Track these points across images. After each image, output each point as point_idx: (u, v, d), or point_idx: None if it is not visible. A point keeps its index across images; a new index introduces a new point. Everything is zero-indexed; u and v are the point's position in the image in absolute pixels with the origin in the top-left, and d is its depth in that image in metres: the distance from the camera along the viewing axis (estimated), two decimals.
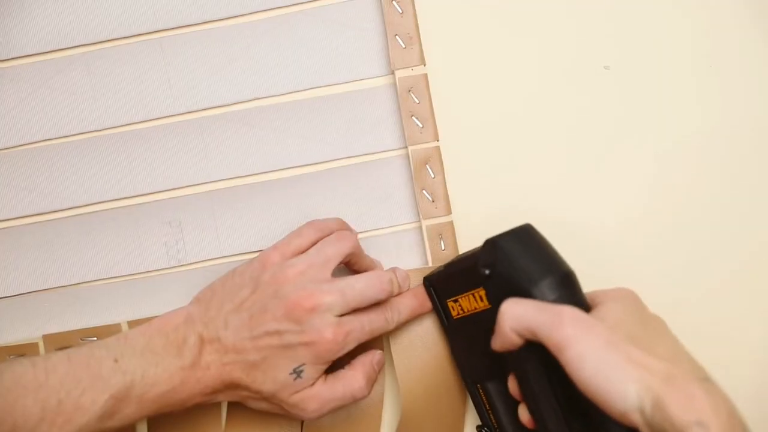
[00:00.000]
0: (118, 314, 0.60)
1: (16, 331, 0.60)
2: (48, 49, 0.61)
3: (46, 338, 0.60)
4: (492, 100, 0.60)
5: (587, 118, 0.60)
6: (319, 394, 0.52)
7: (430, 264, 0.59)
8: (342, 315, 0.52)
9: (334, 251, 0.54)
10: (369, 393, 0.54)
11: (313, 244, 0.55)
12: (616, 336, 0.44)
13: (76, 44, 0.61)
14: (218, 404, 0.59)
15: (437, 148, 0.59)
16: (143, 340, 0.52)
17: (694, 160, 0.60)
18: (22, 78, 0.61)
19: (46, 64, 0.61)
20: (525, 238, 0.50)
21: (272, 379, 0.52)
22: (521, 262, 0.49)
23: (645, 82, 0.60)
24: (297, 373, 0.51)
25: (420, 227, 0.59)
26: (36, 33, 0.60)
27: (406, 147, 0.60)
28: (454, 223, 0.59)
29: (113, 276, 0.60)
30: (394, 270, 0.57)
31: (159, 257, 0.60)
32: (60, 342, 0.59)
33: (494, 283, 0.50)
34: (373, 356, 0.56)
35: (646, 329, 0.46)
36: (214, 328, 0.52)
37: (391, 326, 0.55)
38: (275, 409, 0.53)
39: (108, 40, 0.61)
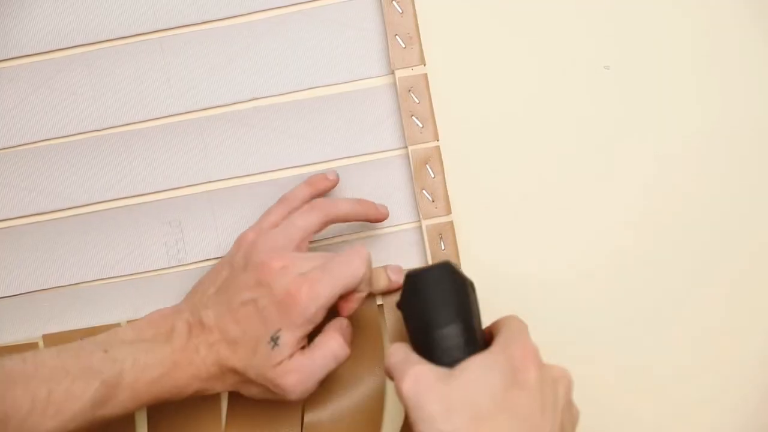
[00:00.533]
0: (118, 314, 0.60)
1: (16, 331, 0.60)
2: (48, 49, 0.61)
3: (46, 338, 0.60)
4: (492, 100, 0.60)
5: (587, 118, 0.60)
6: (300, 367, 0.51)
7: (430, 264, 0.59)
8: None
9: (303, 222, 0.54)
10: (349, 352, 0.53)
11: (286, 218, 0.56)
12: (457, 403, 0.44)
13: (76, 44, 0.60)
14: (218, 402, 0.59)
15: (437, 148, 0.59)
16: (133, 333, 0.52)
17: (694, 160, 0.60)
18: (22, 78, 0.61)
19: (46, 63, 0.61)
20: (434, 281, 0.50)
21: (253, 351, 0.51)
22: (423, 304, 0.50)
23: (645, 82, 0.60)
24: (274, 340, 0.51)
25: (420, 227, 0.59)
26: (36, 33, 0.60)
27: (406, 147, 0.60)
28: (454, 223, 0.59)
29: (113, 276, 0.60)
30: (386, 267, 0.57)
31: (159, 257, 0.60)
32: (60, 342, 0.58)
33: (404, 315, 0.52)
34: (341, 321, 0.55)
35: (507, 397, 0.45)
36: (197, 312, 0.53)
37: (364, 288, 0.53)
38: (265, 393, 0.53)
39: (108, 40, 0.61)
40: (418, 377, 0.46)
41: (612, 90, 0.60)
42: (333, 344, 0.52)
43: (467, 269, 0.59)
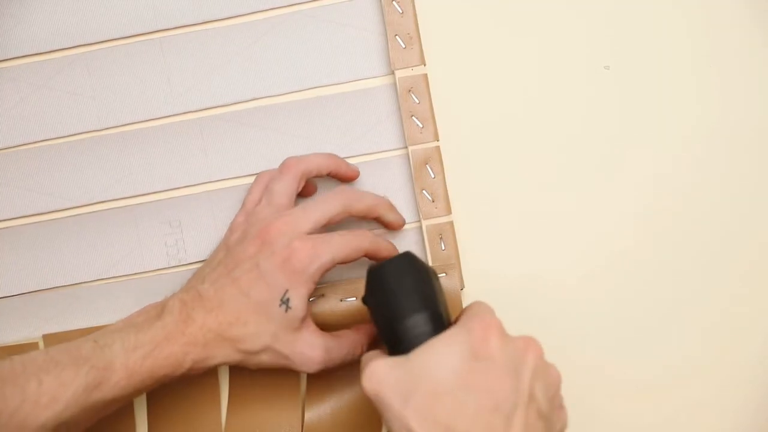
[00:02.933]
0: (118, 314, 0.60)
1: (16, 331, 0.60)
2: (48, 49, 0.61)
3: (46, 338, 0.60)
4: (492, 100, 0.60)
5: (587, 118, 0.60)
6: (326, 346, 0.52)
7: (430, 264, 0.59)
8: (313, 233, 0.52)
9: (280, 186, 0.55)
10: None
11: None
12: (413, 385, 0.44)
13: (76, 44, 0.61)
14: (218, 402, 0.59)
15: (437, 148, 0.59)
16: (123, 323, 0.53)
17: (694, 160, 0.60)
18: (22, 78, 0.61)
19: (46, 64, 0.61)
20: (395, 272, 0.50)
21: (267, 317, 0.51)
22: (387, 296, 0.49)
23: (645, 82, 0.60)
24: (285, 303, 0.51)
25: (420, 227, 0.59)
26: (36, 33, 0.60)
27: (406, 147, 0.60)
28: (454, 223, 0.59)
29: (113, 276, 0.60)
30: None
31: (159, 257, 0.60)
32: (60, 342, 0.58)
33: (371, 310, 0.51)
34: (369, 327, 0.56)
35: (465, 370, 0.44)
36: (193, 289, 0.52)
37: (366, 244, 0.53)
38: (275, 360, 0.52)
39: (108, 40, 0.61)
40: (373, 372, 0.45)
41: (612, 90, 0.60)
42: (358, 346, 0.54)
43: (467, 269, 0.59)
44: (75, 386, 0.48)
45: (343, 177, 0.58)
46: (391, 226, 0.58)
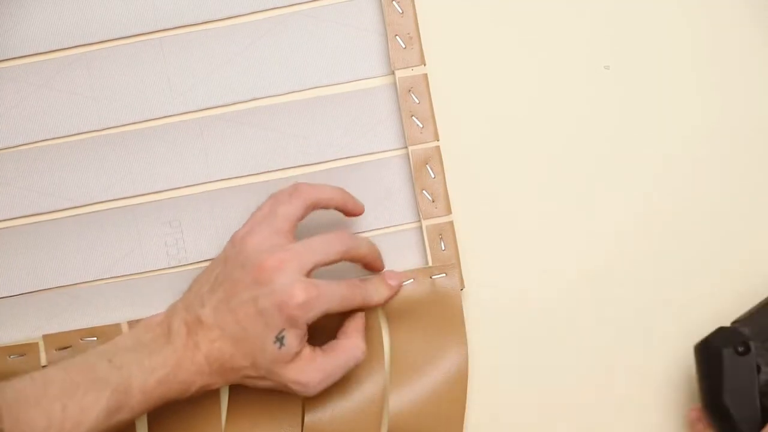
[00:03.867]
0: (118, 314, 0.60)
1: (16, 331, 0.60)
2: (48, 49, 0.61)
3: (46, 338, 0.60)
4: (492, 100, 0.60)
5: (587, 118, 0.60)
6: (322, 367, 0.53)
7: (430, 264, 0.59)
8: (310, 274, 0.52)
9: (286, 210, 0.54)
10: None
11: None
12: None
13: (76, 44, 0.61)
14: (218, 403, 0.59)
15: (437, 148, 0.59)
16: (132, 340, 0.53)
17: (695, 160, 0.60)
18: (22, 78, 0.61)
19: (46, 64, 0.61)
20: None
21: (261, 350, 0.51)
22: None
23: (645, 82, 0.60)
24: (280, 340, 0.51)
25: (420, 227, 0.59)
26: (36, 33, 0.61)
27: (406, 147, 0.60)
28: (454, 223, 0.59)
29: (113, 276, 0.60)
30: (383, 275, 0.58)
31: (159, 257, 0.60)
32: (60, 342, 0.59)
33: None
34: (359, 319, 0.56)
35: None
36: (193, 310, 0.53)
37: (367, 303, 0.55)
38: (278, 387, 0.53)
39: (108, 40, 0.61)
40: None
41: (612, 90, 0.60)
42: (356, 351, 0.54)
43: (467, 269, 0.59)
44: (98, 411, 0.49)
45: (349, 213, 0.57)
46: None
